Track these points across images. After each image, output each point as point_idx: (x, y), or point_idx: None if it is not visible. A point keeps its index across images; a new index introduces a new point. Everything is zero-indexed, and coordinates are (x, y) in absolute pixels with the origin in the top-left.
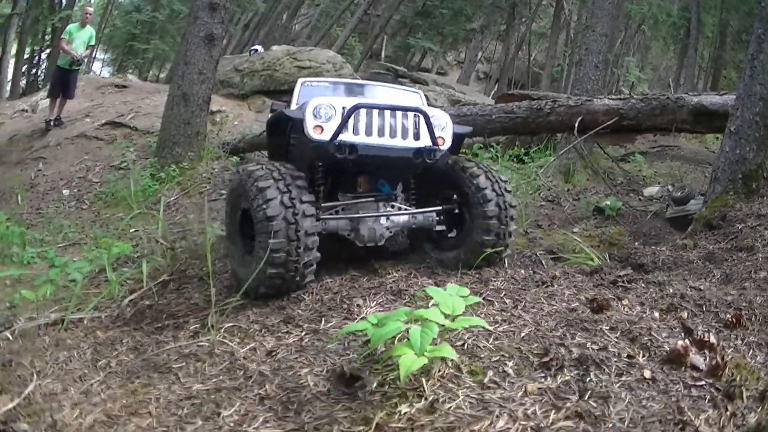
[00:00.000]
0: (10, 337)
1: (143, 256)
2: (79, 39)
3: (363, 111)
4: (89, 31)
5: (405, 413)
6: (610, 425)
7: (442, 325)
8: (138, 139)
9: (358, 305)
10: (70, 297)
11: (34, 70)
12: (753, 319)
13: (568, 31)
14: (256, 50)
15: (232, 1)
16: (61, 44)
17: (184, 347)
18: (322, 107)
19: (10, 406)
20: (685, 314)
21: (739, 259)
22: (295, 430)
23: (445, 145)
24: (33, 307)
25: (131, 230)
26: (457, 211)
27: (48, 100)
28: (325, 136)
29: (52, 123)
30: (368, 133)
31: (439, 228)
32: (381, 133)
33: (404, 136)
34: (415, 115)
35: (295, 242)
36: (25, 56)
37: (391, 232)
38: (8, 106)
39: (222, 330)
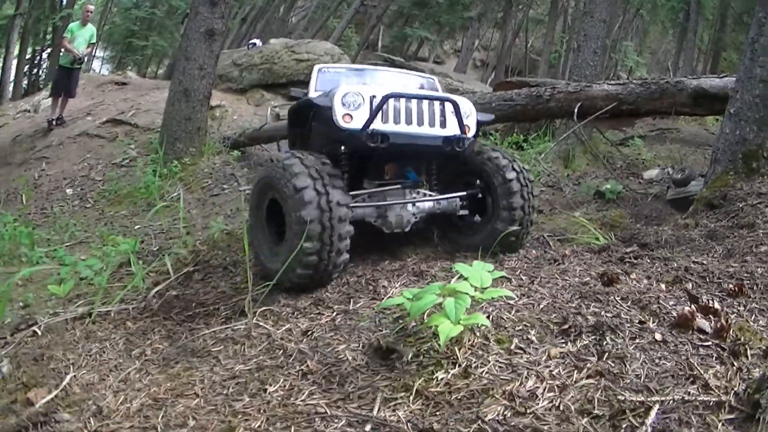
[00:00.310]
0: (39, 332)
1: (162, 250)
2: (81, 37)
3: (392, 98)
4: (90, 29)
5: (442, 379)
6: (628, 381)
7: (473, 297)
8: (139, 136)
9: (383, 286)
10: (93, 292)
11: (35, 70)
12: (755, 288)
13: (565, 17)
14: (255, 44)
15: None
16: (63, 43)
17: (219, 332)
18: (351, 95)
19: (49, 397)
20: (689, 285)
21: (741, 235)
22: (341, 399)
23: (471, 132)
24: (46, 305)
25: (135, 227)
26: (480, 196)
27: (50, 99)
28: (355, 125)
29: (54, 122)
30: (396, 121)
31: (462, 213)
32: (409, 121)
33: (431, 124)
34: (441, 103)
35: (328, 246)
36: (27, 56)
37: (416, 217)
38: (11, 106)
39: (256, 314)
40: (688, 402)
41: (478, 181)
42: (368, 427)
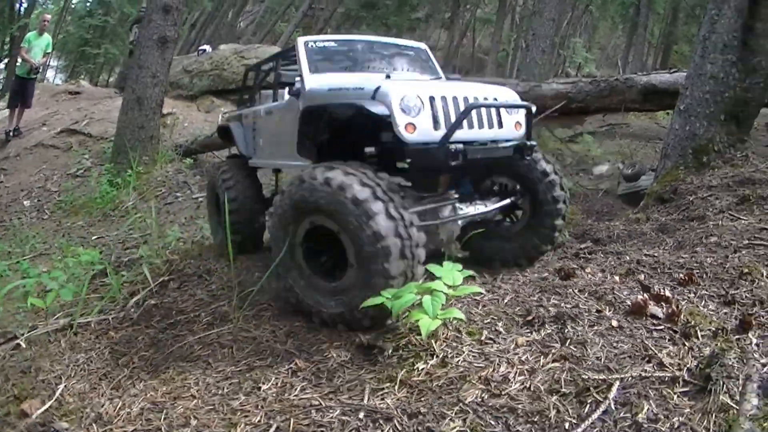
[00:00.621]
0: (23, 345)
1: (133, 260)
2: (37, 47)
3: (450, 98)
4: (46, 38)
5: (422, 369)
6: (590, 362)
7: (446, 294)
8: (93, 145)
9: None
10: (70, 304)
11: None
12: (704, 276)
13: (513, 15)
14: (204, 50)
15: (183, 3)
16: (21, 53)
17: (204, 338)
18: (411, 99)
19: (44, 408)
20: (642, 276)
21: (691, 227)
22: (332, 392)
23: (523, 130)
24: (15, 318)
25: (93, 237)
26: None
27: (7, 110)
28: (422, 136)
29: (11, 134)
30: (469, 126)
31: (497, 218)
32: (471, 125)
33: (490, 125)
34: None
35: (410, 260)
36: None
37: (459, 230)
38: None
39: (239, 319)
40: (645, 378)
41: (518, 185)
42: (361, 415)
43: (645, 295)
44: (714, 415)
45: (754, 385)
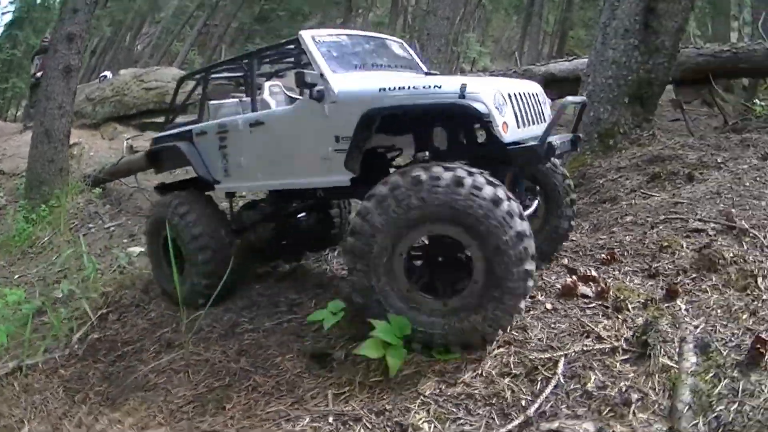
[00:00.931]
0: None
1: (67, 297)
2: None
3: (516, 95)
4: None
5: (378, 370)
6: (534, 344)
7: None
8: (6, 182)
9: (292, 299)
10: (17, 345)
11: None
12: (625, 254)
13: (405, 16)
14: (106, 76)
15: (86, 30)
16: None
17: (156, 366)
18: (500, 97)
19: None
20: (565, 260)
21: (605, 209)
22: (296, 402)
23: None
24: None
25: (15, 276)
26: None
27: None
28: (511, 135)
29: None
30: (530, 122)
31: None
32: (533, 121)
33: (539, 121)
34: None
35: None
36: None
37: None
38: None
39: (189, 343)
40: (587, 352)
41: (537, 187)
42: (331, 419)
43: (573, 277)
44: (657, 376)
45: (690, 345)
